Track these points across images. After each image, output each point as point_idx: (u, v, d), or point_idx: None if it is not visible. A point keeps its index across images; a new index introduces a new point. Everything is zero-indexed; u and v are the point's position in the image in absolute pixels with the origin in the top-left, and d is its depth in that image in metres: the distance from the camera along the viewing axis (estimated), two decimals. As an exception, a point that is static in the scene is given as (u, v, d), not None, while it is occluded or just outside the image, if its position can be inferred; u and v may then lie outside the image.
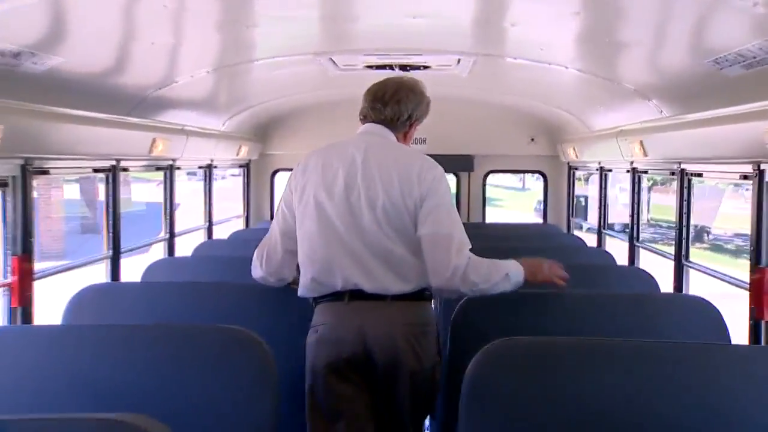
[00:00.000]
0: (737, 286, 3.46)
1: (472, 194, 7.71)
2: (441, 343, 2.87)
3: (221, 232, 6.62)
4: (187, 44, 3.80)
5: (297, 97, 6.62)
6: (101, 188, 4.57)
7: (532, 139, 7.56)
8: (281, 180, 8.18)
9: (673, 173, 4.36)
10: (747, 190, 4.17)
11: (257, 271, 2.97)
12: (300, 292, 2.89)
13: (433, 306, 3.11)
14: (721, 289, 4.11)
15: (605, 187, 6.20)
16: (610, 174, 6.21)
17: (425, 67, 5.02)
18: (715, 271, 4.01)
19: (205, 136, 5.74)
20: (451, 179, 7.85)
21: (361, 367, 2.75)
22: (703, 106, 3.59)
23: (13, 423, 1.52)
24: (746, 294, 3.53)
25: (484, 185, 7.75)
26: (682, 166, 4.19)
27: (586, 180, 8.34)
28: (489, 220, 7.92)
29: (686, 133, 3.87)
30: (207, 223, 6.36)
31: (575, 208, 7.47)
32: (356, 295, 2.75)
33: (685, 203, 4.25)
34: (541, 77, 5.07)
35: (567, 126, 6.58)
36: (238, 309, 3.00)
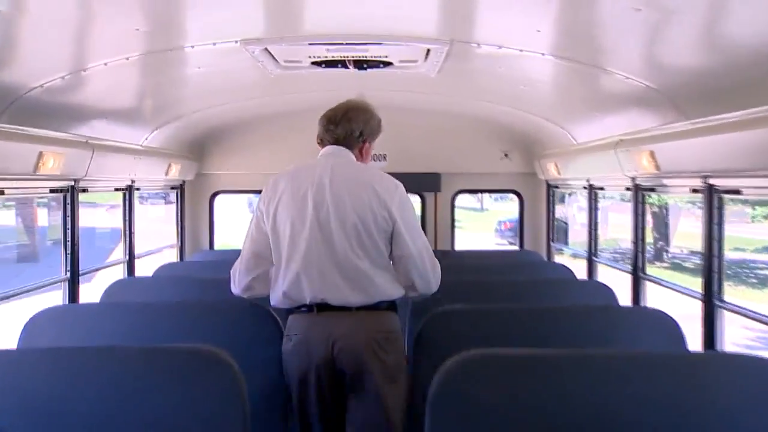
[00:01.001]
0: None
1: (440, 218, 6.81)
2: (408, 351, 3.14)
3: (153, 265, 5.58)
4: (77, 26, 2.85)
5: (237, 105, 5.64)
6: (41, 213, 4.10)
7: (506, 155, 6.72)
8: (222, 204, 7.18)
9: (696, 190, 3.51)
10: (700, 208, 3.37)
11: (233, 289, 3.16)
12: (273, 303, 3.10)
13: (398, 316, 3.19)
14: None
15: (596, 208, 5.35)
16: (601, 193, 5.36)
17: (386, 64, 4.12)
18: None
19: (119, 151, 4.73)
20: (416, 201, 6.96)
21: (331, 373, 2.96)
22: (746, 103, 2.76)
23: None
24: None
25: (452, 207, 6.86)
26: (711, 181, 3.34)
27: (561, 200, 7.52)
28: (456, 246, 7.01)
29: (719, 139, 3.03)
30: (127, 257, 5.29)
31: (554, 231, 6.63)
32: (324, 306, 2.96)
33: (715, 228, 3.37)
34: (521, 76, 4.23)
35: (547, 138, 5.75)
36: (204, 328, 3.02)
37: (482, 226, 23.70)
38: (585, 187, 5.43)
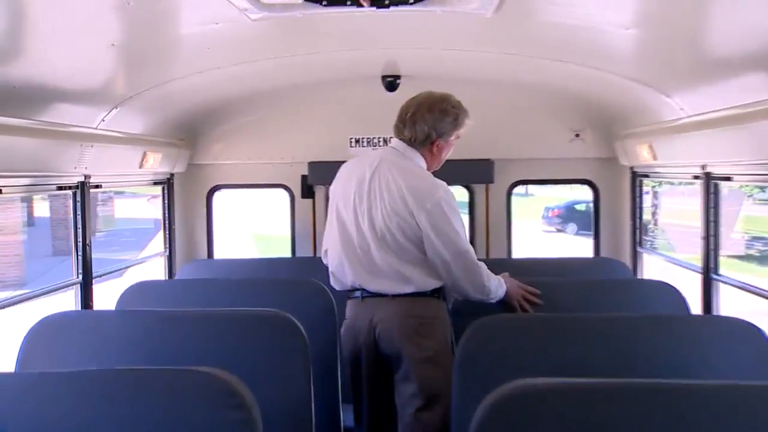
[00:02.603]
0: None
1: (492, 216, 5.39)
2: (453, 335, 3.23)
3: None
4: None
5: (230, 72, 4.22)
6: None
7: (577, 135, 5.27)
8: (223, 201, 5.90)
9: None
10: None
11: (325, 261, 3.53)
12: (330, 282, 3.44)
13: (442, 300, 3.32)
14: None
15: (716, 206, 3.86)
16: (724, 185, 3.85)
17: (417, -2, 2.74)
18: None
19: (55, 136, 3.45)
20: (462, 194, 5.56)
21: (375, 355, 3.24)
22: None
23: None
24: None
25: (508, 203, 5.44)
26: None
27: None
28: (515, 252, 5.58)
29: None
30: (79, 277, 3.99)
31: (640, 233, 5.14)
32: (366, 292, 3.23)
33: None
34: (611, 13, 2.82)
35: (638, 110, 4.28)
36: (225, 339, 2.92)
37: (527, 212, 22.19)
38: (698, 177, 3.94)
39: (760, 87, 2.94)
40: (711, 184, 3.81)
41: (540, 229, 24.12)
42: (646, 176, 4.91)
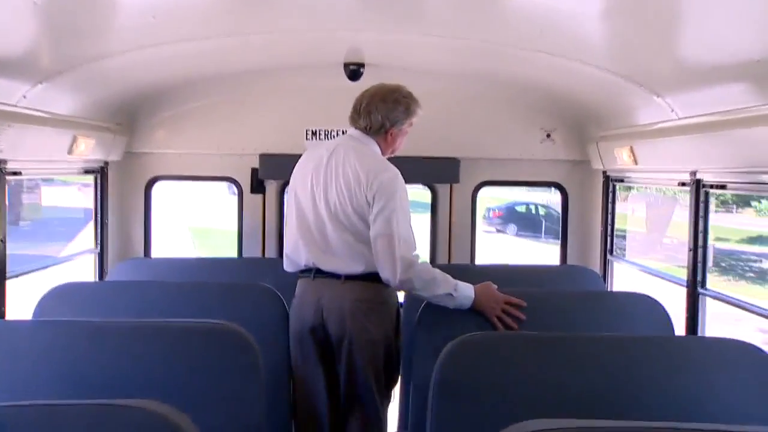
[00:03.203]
0: None
1: (457, 218, 5.06)
2: (401, 321, 3.40)
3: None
4: None
5: (179, 50, 3.74)
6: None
7: (548, 136, 4.98)
8: (163, 194, 5.39)
9: None
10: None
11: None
12: (284, 265, 3.47)
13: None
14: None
15: (706, 216, 3.59)
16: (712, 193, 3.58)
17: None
18: None
19: None
20: (425, 195, 5.21)
21: (320, 335, 3.26)
22: None
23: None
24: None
25: (473, 205, 5.11)
26: None
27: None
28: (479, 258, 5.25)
29: None
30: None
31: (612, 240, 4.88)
32: (319, 272, 3.27)
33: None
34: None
35: (619, 110, 4.01)
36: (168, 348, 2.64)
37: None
38: (685, 184, 3.67)
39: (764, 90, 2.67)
40: (702, 192, 3.54)
41: (481, 229, 24.12)
42: (621, 181, 4.65)
